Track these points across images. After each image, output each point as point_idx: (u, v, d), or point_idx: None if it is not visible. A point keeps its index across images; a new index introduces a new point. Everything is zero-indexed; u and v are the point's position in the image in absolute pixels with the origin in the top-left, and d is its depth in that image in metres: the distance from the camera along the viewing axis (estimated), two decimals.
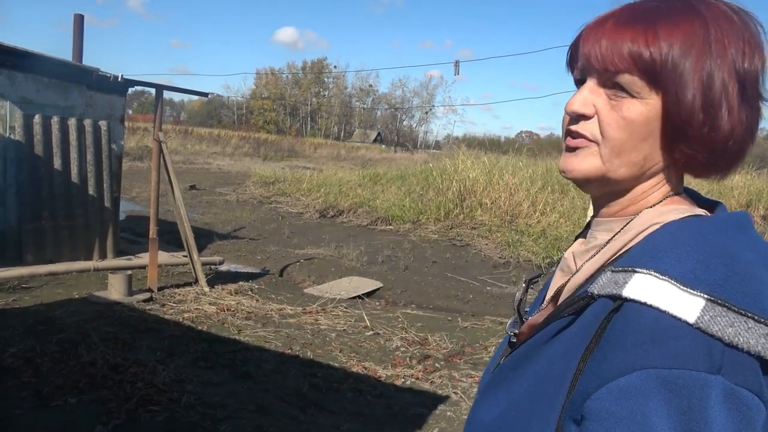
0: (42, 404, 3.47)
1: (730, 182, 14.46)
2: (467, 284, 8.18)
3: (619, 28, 0.64)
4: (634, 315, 0.56)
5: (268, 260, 9.01)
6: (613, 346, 0.56)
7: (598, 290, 0.61)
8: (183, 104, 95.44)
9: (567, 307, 0.66)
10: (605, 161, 0.66)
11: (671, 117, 0.62)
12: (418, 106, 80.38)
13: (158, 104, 6.78)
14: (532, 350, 0.69)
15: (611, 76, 0.64)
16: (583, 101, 0.66)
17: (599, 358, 0.57)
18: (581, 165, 0.67)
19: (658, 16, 0.62)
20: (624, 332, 0.56)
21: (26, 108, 6.75)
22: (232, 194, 16.40)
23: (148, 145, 24.24)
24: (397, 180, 16.78)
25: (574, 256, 0.77)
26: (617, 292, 0.58)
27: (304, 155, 40.67)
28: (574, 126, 0.68)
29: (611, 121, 0.65)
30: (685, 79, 0.61)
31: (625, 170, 0.66)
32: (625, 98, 0.64)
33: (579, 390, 0.58)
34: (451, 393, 4.27)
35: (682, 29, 0.61)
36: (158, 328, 5.07)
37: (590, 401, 0.55)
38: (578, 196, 12.69)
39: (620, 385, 0.53)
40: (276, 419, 3.61)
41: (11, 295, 5.67)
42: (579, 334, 0.62)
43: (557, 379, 0.62)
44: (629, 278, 0.58)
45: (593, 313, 0.61)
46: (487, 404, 0.72)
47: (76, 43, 8.50)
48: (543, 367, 0.65)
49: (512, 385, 0.69)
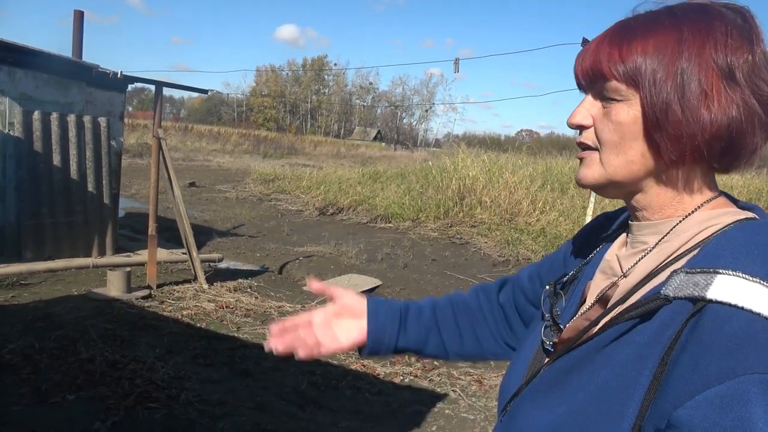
0: (40, 401, 3.47)
1: (729, 181, 14.47)
2: (466, 282, 8.18)
3: (600, 47, 0.70)
4: (724, 318, 0.54)
5: (267, 258, 9.01)
6: (705, 351, 0.54)
7: (674, 292, 0.60)
8: (183, 101, 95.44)
9: (631, 309, 0.64)
10: (606, 166, 0.71)
11: (649, 114, 0.66)
12: (418, 104, 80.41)
13: (158, 101, 6.77)
14: (588, 355, 0.67)
15: (600, 88, 0.71)
16: (581, 113, 0.74)
17: (689, 365, 0.54)
18: (587, 172, 0.73)
19: (636, 32, 0.68)
20: (716, 336, 0.54)
21: (26, 104, 6.74)
22: (231, 191, 16.39)
23: (147, 142, 24.23)
24: (396, 178, 16.78)
25: (619, 260, 0.76)
26: (699, 293, 0.57)
27: (304, 153, 40.66)
28: (578, 137, 0.75)
29: (604, 126, 0.71)
30: (659, 81, 0.65)
31: (626, 170, 0.70)
32: (614, 104, 0.69)
33: (665, 398, 0.55)
34: (450, 391, 4.27)
35: (654, 40, 0.67)
36: (157, 325, 5.07)
37: (684, 410, 0.52)
38: (578, 194, 12.69)
39: (721, 393, 0.51)
40: (275, 416, 3.61)
41: (10, 291, 5.67)
42: (652, 338, 0.60)
43: (627, 386, 0.60)
44: (712, 279, 0.57)
45: (668, 316, 0.60)
46: (535, 411, 0.70)
47: (75, 39, 8.48)
48: (609, 372, 0.63)
49: (567, 390, 0.67)
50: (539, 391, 0.72)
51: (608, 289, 0.74)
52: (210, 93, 10.47)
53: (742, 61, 0.65)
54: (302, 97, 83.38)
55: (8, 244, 6.67)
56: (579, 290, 0.82)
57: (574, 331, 0.74)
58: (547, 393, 0.70)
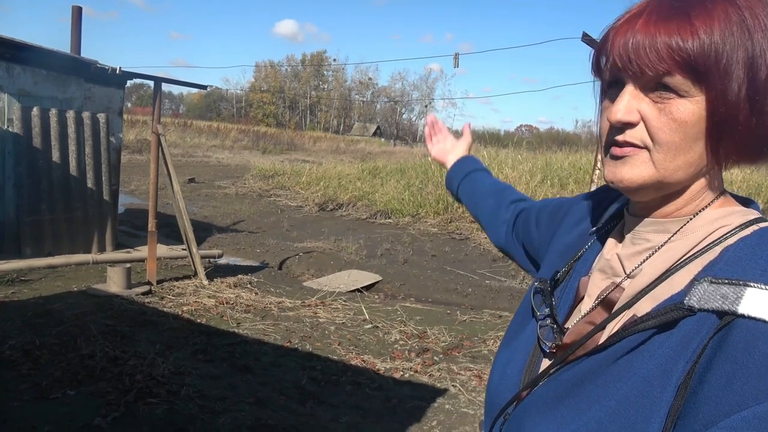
0: (41, 396, 3.48)
1: (729, 176, 14.46)
2: (466, 278, 8.19)
3: (651, 26, 0.59)
4: (758, 335, 0.52)
5: (267, 253, 9.01)
6: (739, 369, 0.51)
7: (699, 303, 0.56)
8: (182, 97, 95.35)
9: (650, 319, 0.60)
10: (659, 167, 0.62)
11: (717, 112, 0.59)
12: (417, 100, 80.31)
13: (157, 97, 6.76)
14: (602, 365, 0.63)
15: (654, 78, 0.61)
16: (627, 109, 0.62)
17: (721, 383, 0.52)
18: (633, 173, 0.64)
19: (690, 7, 0.59)
20: (750, 355, 0.51)
21: (24, 100, 6.73)
22: (231, 187, 16.38)
23: (146, 138, 24.22)
24: (396, 173, 16.76)
25: (619, 258, 0.71)
26: (730, 308, 0.54)
27: (303, 148, 40.62)
28: (620, 136, 0.64)
29: (662, 125, 0.61)
30: (729, 70, 0.57)
31: (683, 173, 0.62)
32: (673, 99, 0.60)
33: (696, 416, 0.53)
34: (450, 386, 4.28)
35: (718, 17, 0.58)
36: (157, 321, 5.07)
37: (718, 429, 0.50)
38: (577, 190, 12.69)
39: (758, 413, 0.49)
40: (275, 412, 3.62)
41: (10, 288, 5.67)
42: (677, 352, 0.57)
43: (653, 401, 0.57)
44: (742, 293, 0.54)
45: (692, 329, 0.57)
46: (544, 425, 0.66)
47: (74, 35, 8.46)
48: (631, 387, 0.59)
49: (581, 403, 0.63)
50: (547, 403, 0.67)
51: (611, 290, 0.69)
52: (209, 89, 10.46)
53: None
54: (301, 93, 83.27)
55: (8, 240, 6.67)
56: (572, 287, 0.77)
57: (578, 336, 0.70)
58: (557, 406, 0.65)
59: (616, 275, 0.71)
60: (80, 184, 7.13)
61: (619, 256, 0.71)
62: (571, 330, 0.72)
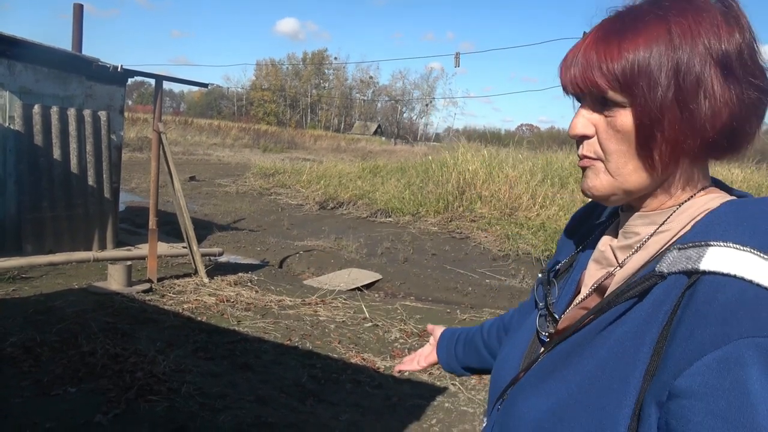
0: (42, 393, 3.49)
1: (730, 176, 14.46)
2: (466, 277, 8.20)
3: (588, 51, 0.67)
4: (718, 287, 0.55)
5: (267, 252, 9.02)
6: (700, 319, 0.55)
7: (668, 268, 0.61)
8: (183, 95, 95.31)
9: (627, 290, 0.64)
10: (615, 175, 0.68)
11: (642, 117, 0.64)
12: (418, 99, 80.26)
13: (158, 95, 6.76)
14: (587, 339, 0.67)
15: (596, 97, 0.68)
16: (582, 123, 0.70)
17: (685, 335, 0.55)
18: (595, 182, 0.70)
19: (623, 29, 0.66)
20: (710, 305, 0.55)
21: (26, 98, 6.74)
22: (231, 186, 16.39)
23: (147, 136, 24.20)
24: (396, 172, 16.77)
25: (613, 250, 0.75)
26: (693, 266, 0.58)
27: (304, 147, 40.62)
28: (579, 149, 0.71)
29: (609, 136, 0.68)
30: (653, 80, 0.63)
31: (637, 177, 0.68)
32: (617, 111, 0.66)
33: (665, 370, 0.56)
34: (449, 384, 4.29)
35: (644, 35, 0.64)
36: (158, 319, 5.08)
37: (683, 378, 0.53)
38: (578, 189, 12.67)
39: (717, 358, 0.52)
40: (275, 410, 3.62)
41: (11, 285, 5.68)
42: (649, 314, 0.61)
43: (627, 363, 0.60)
44: (704, 252, 0.58)
45: (664, 292, 0.60)
46: (535, 398, 0.69)
47: (75, 32, 8.47)
48: (608, 351, 0.63)
49: (567, 374, 0.67)
50: (538, 377, 0.72)
51: (604, 279, 0.74)
52: (210, 87, 10.46)
53: (733, 48, 0.63)
54: (302, 91, 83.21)
55: (9, 237, 6.68)
56: (574, 279, 0.81)
57: (571, 321, 0.74)
58: (546, 379, 0.70)
59: (609, 265, 0.75)
60: (81, 181, 7.14)
61: (612, 248, 0.75)
62: (566, 316, 0.77)
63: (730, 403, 0.50)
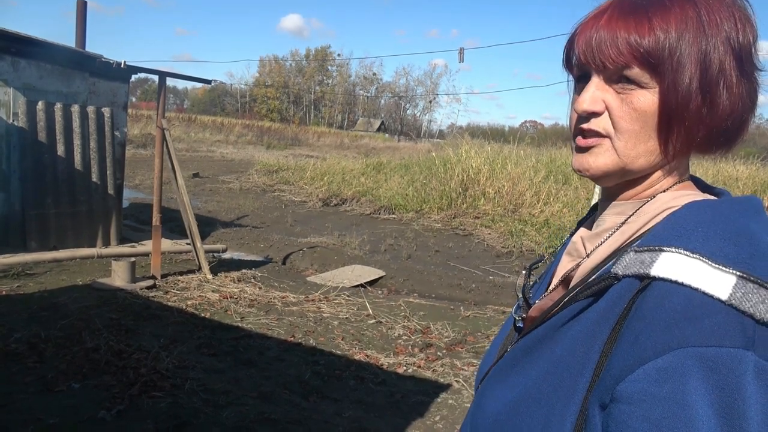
0: (46, 389, 3.50)
1: (735, 173, 14.41)
2: (470, 273, 8.19)
3: (613, 22, 0.64)
4: (665, 294, 0.55)
5: (271, 248, 9.02)
6: (645, 326, 0.55)
7: (623, 270, 0.60)
8: (186, 92, 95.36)
9: (586, 289, 0.64)
10: (621, 154, 0.67)
11: (669, 102, 0.63)
12: (422, 95, 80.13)
13: (161, 91, 6.76)
14: (548, 334, 0.68)
15: (616, 71, 0.65)
16: (592, 99, 0.67)
17: (630, 340, 0.56)
18: (597, 162, 0.69)
19: (650, 5, 0.64)
20: (656, 312, 0.55)
21: (29, 94, 6.74)
22: (235, 182, 16.40)
23: (151, 133, 24.23)
24: (400, 169, 16.76)
25: (583, 241, 0.76)
26: (645, 271, 0.58)
27: (307, 144, 40.63)
28: (585, 124, 0.69)
29: (623, 114, 0.65)
30: (682, 64, 0.62)
31: (644, 160, 0.67)
32: (634, 90, 0.65)
33: (609, 373, 0.56)
34: (453, 381, 4.29)
35: (675, 15, 0.62)
36: (161, 315, 5.09)
37: (625, 384, 0.54)
38: (581, 186, 12.66)
39: (658, 366, 0.52)
40: (278, 406, 3.63)
41: (16, 281, 5.70)
42: (602, 316, 0.61)
43: (579, 362, 0.61)
44: (656, 257, 0.58)
45: (617, 294, 0.60)
46: (498, 390, 0.71)
47: (79, 29, 8.47)
48: (563, 349, 0.64)
49: (526, 368, 0.68)
50: (503, 371, 0.73)
51: (572, 270, 0.74)
52: (213, 83, 10.47)
53: (747, 42, 0.63)
54: (306, 88, 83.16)
55: (13, 234, 6.70)
56: (549, 272, 0.84)
57: (539, 311, 0.75)
58: (509, 372, 0.71)
59: (579, 256, 0.75)
60: (85, 178, 7.15)
61: (582, 239, 0.76)
62: (535, 306, 0.78)
63: (666, 412, 0.50)
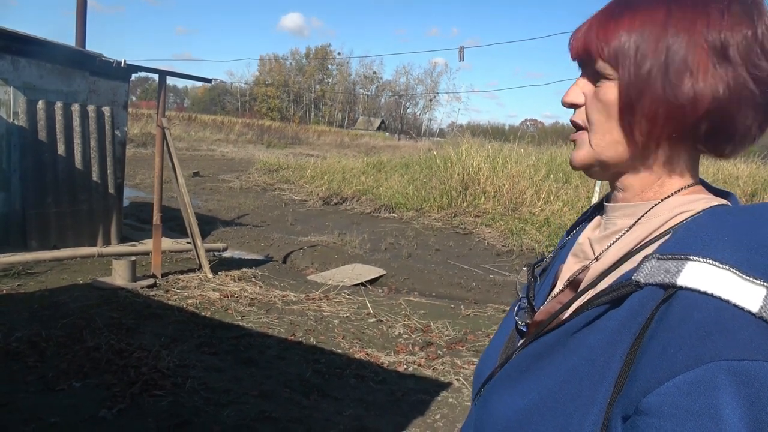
0: (47, 388, 3.51)
1: (735, 171, 14.39)
2: (470, 272, 8.19)
3: (591, 26, 0.70)
4: (693, 305, 0.54)
5: (271, 247, 9.03)
6: (674, 337, 0.53)
7: (645, 278, 0.59)
8: (186, 91, 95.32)
9: (602, 295, 0.63)
10: (594, 146, 0.71)
11: (627, 90, 0.66)
12: (422, 94, 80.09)
13: (161, 90, 6.76)
14: (560, 340, 0.66)
15: (592, 68, 0.70)
16: (575, 92, 0.73)
17: (657, 351, 0.54)
18: (579, 154, 0.73)
19: (626, 9, 0.68)
20: (685, 323, 0.54)
21: (30, 94, 6.74)
22: (235, 181, 16.40)
23: (151, 132, 24.22)
24: (400, 168, 16.76)
25: (590, 242, 0.75)
26: (670, 280, 0.56)
27: (307, 143, 40.62)
28: (572, 116, 0.74)
29: (593, 105, 0.70)
30: (642, 55, 0.65)
31: (612, 150, 0.69)
32: (604, 83, 0.69)
33: (634, 384, 0.55)
34: (453, 380, 4.29)
35: (641, 17, 0.66)
36: (162, 314, 5.10)
37: (653, 396, 0.52)
38: (582, 184, 12.65)
39: (689, 379, 0.51)
40: (279, 405, 3.63)
41: (16, 280, 5.70)
42: (623, 324, 0.60)
43: (598, 372, 0.60)
44: (682, 266, 0.57)
45: (639, 302, 0.59)
46: (506, 396, 0.69)
47: (79, 28, 8.48)
48: (580, 358, 0.62)
49: (539, 376, 0.66)
50: (511, 376, 0.71)
51: (579, 272, 0.74)
52: (213, 82, 10.47)
53: (739, 38, 0.63)
54: (306, 87, 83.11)
55: (13, 233, 6.70)
56: (552, 273, 0.82)
57: (546, 315, 0.74)
58: (519, 378, 0.69)
59: (587, 258, 0.75)
60: (85, 177, 7.15)
61: (590, 240, 0.76)
62: (542, 309, 0.77)
63: (698, 427, 0.49)
